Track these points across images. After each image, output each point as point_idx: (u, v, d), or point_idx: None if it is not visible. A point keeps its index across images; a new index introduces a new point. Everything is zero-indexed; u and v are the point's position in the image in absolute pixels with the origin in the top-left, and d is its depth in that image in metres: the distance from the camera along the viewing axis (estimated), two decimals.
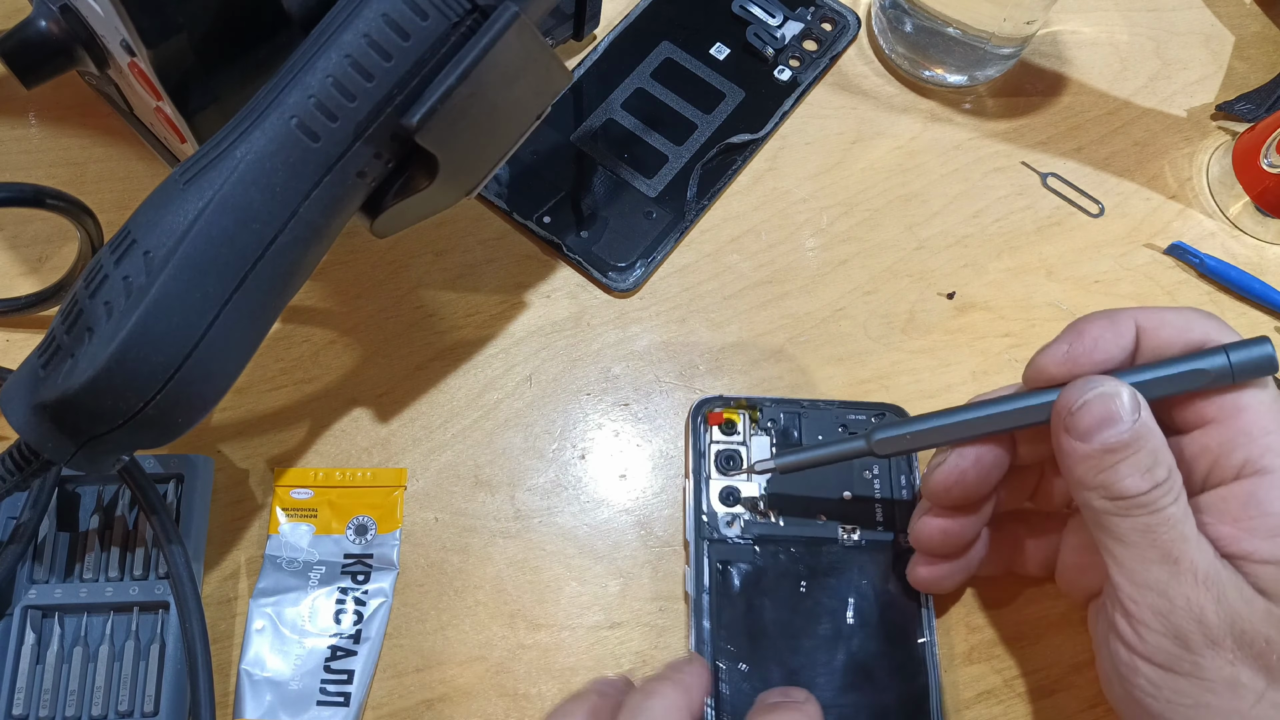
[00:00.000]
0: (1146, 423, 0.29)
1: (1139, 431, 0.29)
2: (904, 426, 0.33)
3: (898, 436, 0.33)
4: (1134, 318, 0.31)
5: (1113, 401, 0.29)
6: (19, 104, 0.44)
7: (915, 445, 0.33)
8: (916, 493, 0.38)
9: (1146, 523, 0.28)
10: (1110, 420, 0.29)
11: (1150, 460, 0.28)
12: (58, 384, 0.27)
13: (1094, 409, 0.29)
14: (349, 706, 0.34)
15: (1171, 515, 0.28)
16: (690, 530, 0.37)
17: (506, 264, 0.43)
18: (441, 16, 0.28)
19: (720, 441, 0.39)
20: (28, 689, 0.33)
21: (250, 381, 0.40)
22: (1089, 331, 0.31)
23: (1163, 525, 0.28)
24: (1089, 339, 0.31)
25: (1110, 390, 0.29)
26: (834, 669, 0.36)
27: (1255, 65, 0.49)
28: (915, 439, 0.33)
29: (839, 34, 0.48)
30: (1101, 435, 0.29)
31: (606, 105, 0.45)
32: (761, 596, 0.36)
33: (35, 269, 0.41)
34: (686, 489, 0.38)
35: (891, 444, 0.33)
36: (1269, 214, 0.44)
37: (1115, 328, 0.31)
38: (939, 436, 0.33)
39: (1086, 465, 0.29)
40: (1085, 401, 0.29)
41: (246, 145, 0.27)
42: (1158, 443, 0.29)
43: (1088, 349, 0.31)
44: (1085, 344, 0.31)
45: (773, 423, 0.39)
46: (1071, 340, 0.31)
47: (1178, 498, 0.29)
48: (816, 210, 0.45)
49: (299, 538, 0.37)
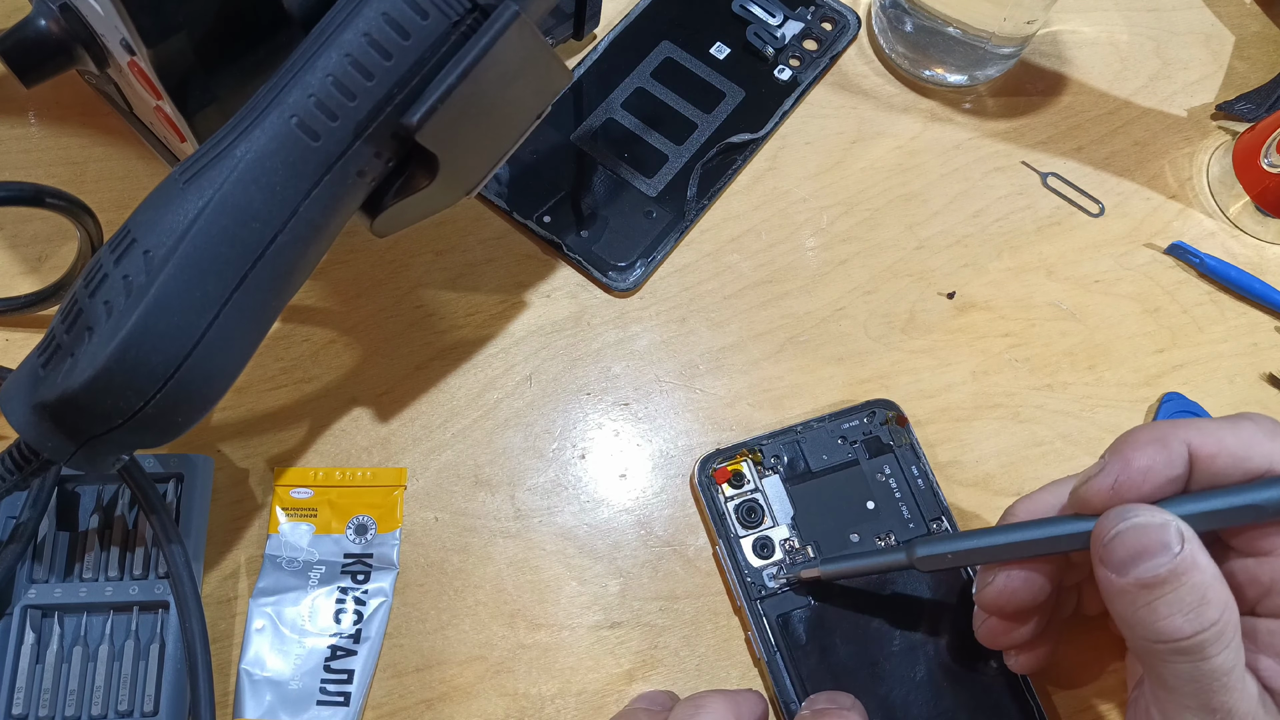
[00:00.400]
0: (1190, 556, 0.26)
1: (1180, 565, 0.26)
2: (946, 544, 0.32)
3: (939, 555, 0.32)
4: (1187, 441, 0.28)
5: (1152, 532, 0.26)
6: (19, 103, 0.44)
7: (956, 564, 0.32)
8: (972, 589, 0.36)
9: (1190, 672, 0.26)
10: (1148, 552, 0.26)
11: (1196, 599, 0.26)
12: (57, 383, 0.27)
13: (1128, 540, 0.27)
14: (349, 706, 0.34)
15: (1218, 666, 0.26)
16: (740, 595, 0.37)
17: (506, 263, 0.43)
18: (442, 16, 0.28)
19: (735, 496, 0.38)
20: (27, 688, 0.33)
21: (250, 381, 0.40)
22: (1136, 460, 0.28)
23: (1206, 677, 0.26)
24: (1137, 470, 0.28)
25: (1147, 521, 0.27)
26: (918, 682, 0.35)
27: (1255, 65, 0.49)
28: (957, 558, 0.32)
29: (839, 34, 0.48)
30: (1138, 569, 0.26)
31: (606, 105, 0.45)
32: (830, 635, 0.36)
33: (35, 268, 0.41)
34: (720, 554, 0.37)
35: (933, 562, 0.33)
36: (1269, 214, 0.44)
37: (1167, 454, 0.28)
38: (981, 557, 0.32)
39: (1124, 601, 0.27)
40: (1118, 532, 0.27)
41: (246, 144, 0.27)
42: (1205, 578, 0.26)
43: (1135, 482, 0.28)
44: (1133, 476, 0.28)
45: (776, 459, 0.39)
46: (1119, 471, 0.28)
47: (1229, 644, 0.26)
48: (816, 210, 0.45)
49: (299, 537, 0.37)
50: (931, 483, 0.38)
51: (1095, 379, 0.42)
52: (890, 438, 0.39)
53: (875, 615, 0.36)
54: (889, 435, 0.39)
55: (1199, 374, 0.42)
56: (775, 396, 0.41)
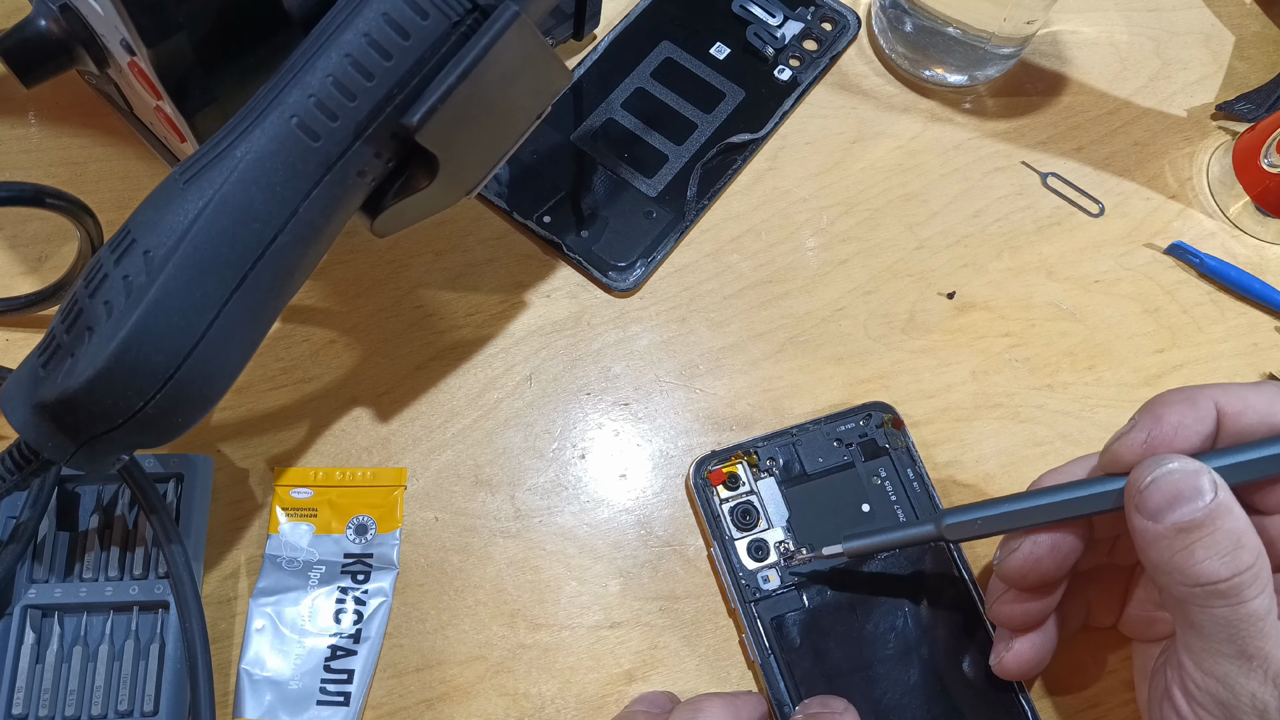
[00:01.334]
0: (1224, 502, 0.27)
1: (1216, 510, 0.27)
2: (974, 512, 0.32)
3: (968, 522, 0.32)
4: (1214, 400, 0.29)
5: (1186, 478, 0.27)
6: (19, 103, 0.44)
7: (986, 531, 0.32)
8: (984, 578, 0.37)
9: (1226, 616, 0.26)
10: (1183, 497, 0.27)
11: (1231, 543, 0.26)
12: (58, 383, 0.27)
13: (1164, 486, 0.27)
14: (349, 706, 0.34)
15: (1254, 610, 0.26)
16: (734, 597, 0.37)
17: (506, 264, 0.43)
18: (442, 16, 0.28)
19: (730, 498, 0.38)
20: (27, 688, 0.33)
21: (250, 381, 0.40)
22: (1168, 417, 0.29)
23: (1243, 621, 0.26)
24: (1169, 425, 0.29)
25: (1182, 467, 0.27)
26: (912, 686, 0.35)
27: (1255, 65, 0.49)
28: (986, 524, 0.32)
29: (839, 34, 0.48)
30: (1174, 514, 0.27)
31: (606, 105, 0.45)
32: (824, 638, 0.36)
33: (35, 268, 0.41)
34: (715, 556, 0.37)
35: (962, 529, 0.32)
36: (1269, 214, 0.44)
37: (1196, 411, 0.29)
38: (1011, 522, 0.32)
39: (1160, 547, 0.27)
40: (1154, 479, 0.28)
41: (246, 145, 0.27)
42: (1239, 524, 0.27)
43: (1167, 436, 0.29)
44: (1164, 431, 0.29)
45: (771, 461, 0.38)
46: (1150, 426, 0.29)
47: (1264, 588, 0.26)
48: (816, 210, 0.45)
49: (299, 537, 0.37)
50: (927, 486, 0.38)
51: (1095, 379, 0.42)
52: (886, 440, 0.39)
53: (870, 619, 0.36)
54: (885, 438, 0.39)
55: (1199, 374, 0.42)
56: (775, 396, 0.41)
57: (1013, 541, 0.32)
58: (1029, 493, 0.32)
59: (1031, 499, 0.32)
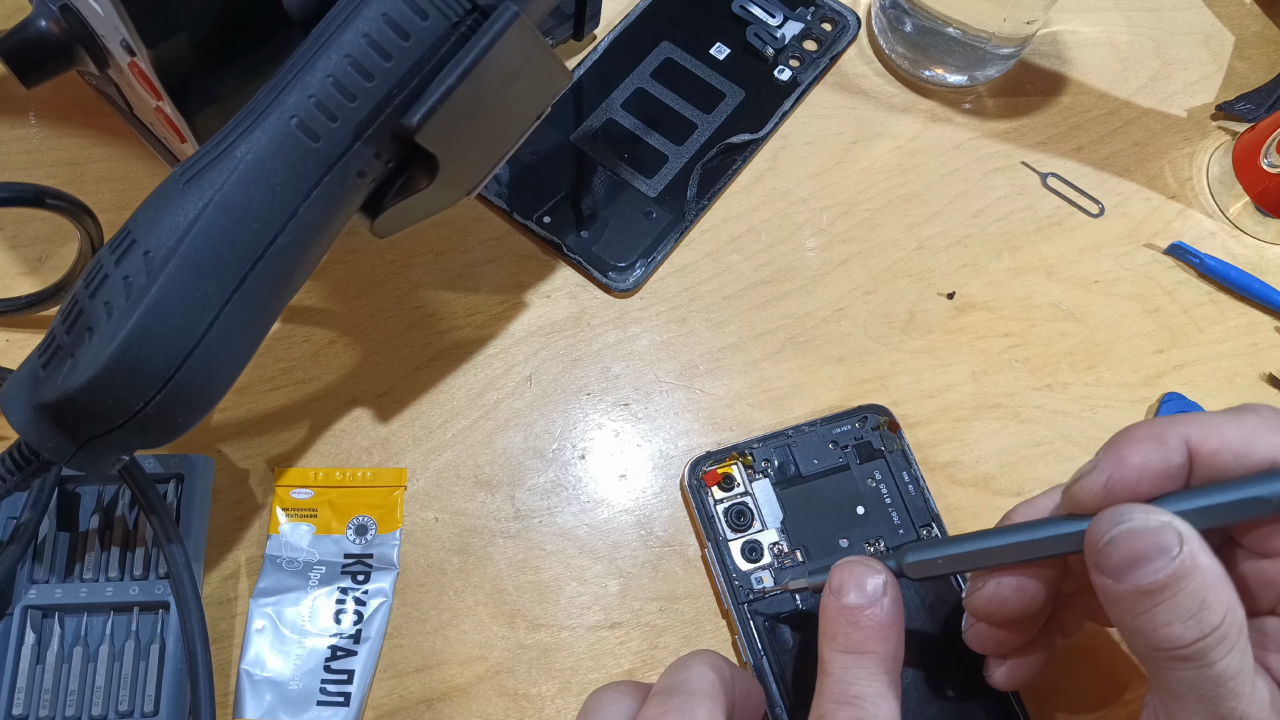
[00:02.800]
0: (1191, 559, 0.24)
1: (1180, 570, 0.24)
2: (936, 550, 0.31)
3: (928, 561, 0.31)
4: (1186, 437, 0.27)
5: (1147, 536, 0.25)
6: (19, 104, 0.44)
7: (947, 570, 0.31)
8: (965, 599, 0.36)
9: (1194, 678, 0.25)
10: (1144, 558, 0.25)
11: (1196, 604, 0.24)
12: (58, 384, 0.27)
13: (1122, 545, 0.25)
14: (349, 706, 0.34)
15: (1222, 672, 0.24)
16: (727, 598, 0.36)
17: (506, 264, 0.43)
18: (441, 16, 0.28)
19: (724, 499, 0.38)
20: (28, 689, 0.33)
21: (250, 381, 0.40)
22: (1131, 457, 0.27)
23: (1212, 684, 0.24)
24: (1132, 468, 0.26)
25: (1142, 524, 0.25)
26: (905, 690, 0.35)
27: (1255, 65, 0.49)
28: (947, 564, 0.31)
29: (839, 34, 0.48)
30: (1135, 576, 0.25)
31: (606, 105, 0.45)
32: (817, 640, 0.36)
33: (35, 269, 0.41)
34: (709, 557, 0.37)
35: (922, 568, 0.31)
36: (1269, 214, 0.44)
37: (1164, 450, 0.26)
38: (972, 562, 0.30)
39: (1121, 607, 0.25)
40: (1112, 538, 0.25)
41: (246, 145, 0.27)
42: (1208, 581, 0.24)
43: (1130, 481, 0.26)
44: (1127, 475, 0.26)
45: (766, 462, 0.38)
46: (1111, 469, 0.27)
47: (1233, 646, 0.24)
48: (816, 210, 0.45)
49: (299, 538, 0.37)
50: (922, 488, 0.38)
51: (1095, 379, 0.42)
52: (882, 443, 0.39)
53: None
54: (880, 440, 0.39)
55: (1199, 374, 0.42)
56: (775, 397, 0.41)
57: (979, 579, 0.31)
58: (990, 531, 0.31)
59: (992, 538, 0.30)
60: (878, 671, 0.29)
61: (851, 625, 0.29)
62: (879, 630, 0.29)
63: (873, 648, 0.29)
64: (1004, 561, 0.30)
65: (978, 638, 0.32)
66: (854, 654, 0.29)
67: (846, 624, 0.29)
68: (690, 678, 0.28)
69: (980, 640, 0.32)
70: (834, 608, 0.30)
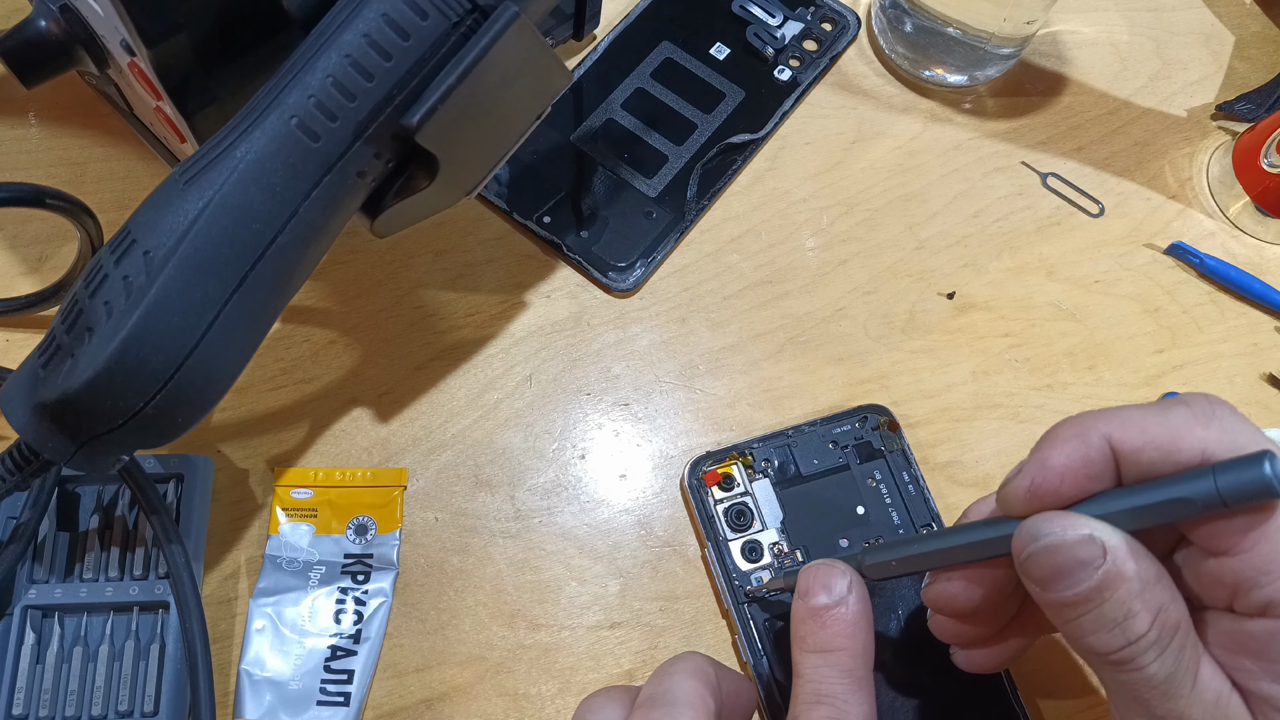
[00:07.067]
0: (1115, 570, 0.24)
1: (1103, 581, 0.24)
2: (891, 551, 0.31)
3: (884, 563, 0.31)
4: (1107, 435, 0.25)
5: (1066, 550, 0.24)
6: (19, 104, 0.44)
7: (902, 570, 0.31)
8: None
9: (1126, 681, 0.25)
10: (1063, 571, 0.24)
11: (1121, 613, 0.24)
12: (58, 384, 0.27)
13: (1042, 559, 0.25)
14: (349, 706, 0.34)
15: (1154, 675, 0.24)
16: (727, 598, 0.37)
17: (506, 264, 0.43)
18: (441, 16, 0.28)
19: (724, 499, 0.38)
20: (28, 689, 0.33)
21: (250, 381, 0.40)
22: (1053, 459, 0.26)
23: (1145, 687, 0.24)
24: (1054, 471, 0.26)
25: (1060, 539, 0.25)
26: (904, 688, 0.35)
27: (1255, 65, 0.49)
28: (901, 565, 0.31)
29: (839, 34, 0.48)
30: (1057, 588, 0.25)
31: (606, 105, 0.45)
32: None
33: (35, 269, 0.41)
34: (709, 557, 0.37)
35: (880, 569, 0.31)
36: (1269, 214, 0.44)
37: (1085, 449, 0.25)
38: (922, 563, 0.30)
39: (1051, 613, 0.26)
40: (1031, 553, 0.25)
41: (246, 145, 0.27)
42: (1134, 589, 0.24)
43: (1052, 485, 0.26)
44: (1049, 479, 0.26)
45: (766, 462, 0.38)
46: (1035, 472, 0.26)
47: (1165, 650, 0.24)
48: (816, 210, 0.45)
49: (299, 538, 0.37)
50: (922, 488, 0.38)
51: (1095, 379, 0.42)
52: (882, 443, 0.39)
53: None
54: (880, 440, 0.39)
55: (1199, 374, 0.42)
56: (775, 397, 0.41)
57: (931, 575, 0.31)
58: (939, 533, 0.30)
59: (938, 540, 0.30)
60: (847, 669, 0.29)
61: (819, 625, 0.30)
62: (846, 628, 0.30)
63: (840, 645, 0.30)
64: (949, 563, 0.30)
65: (939, 627, 0.33)
66: (823, 653, 0.30)
67: (814, 624, 0.30)
68: (672, 686, 0.28)
69: (942, 630, 0.33)
70: (802, 610, 0.31)
